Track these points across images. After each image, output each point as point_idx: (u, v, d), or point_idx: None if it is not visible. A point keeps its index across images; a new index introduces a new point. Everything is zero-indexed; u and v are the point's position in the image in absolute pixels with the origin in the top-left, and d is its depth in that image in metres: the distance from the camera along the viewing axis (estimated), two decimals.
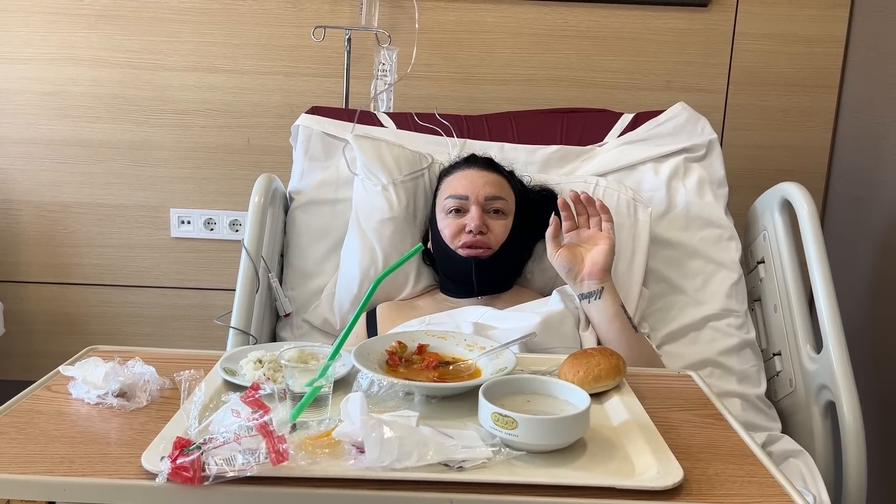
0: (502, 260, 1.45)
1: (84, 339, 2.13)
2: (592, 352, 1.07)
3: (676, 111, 1.78)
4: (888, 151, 1.88)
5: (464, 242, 1.44)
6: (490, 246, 1.44)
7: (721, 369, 1.54)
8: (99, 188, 2.13)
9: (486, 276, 1.45)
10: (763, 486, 0.83)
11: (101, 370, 1.00)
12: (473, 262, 1.43)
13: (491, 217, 1.46)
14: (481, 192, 1.46)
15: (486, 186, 1.47)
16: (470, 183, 1.48)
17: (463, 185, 1.48)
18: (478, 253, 1.43)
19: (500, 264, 1.45)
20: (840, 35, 2.07)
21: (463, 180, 1.49)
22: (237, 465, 0.77)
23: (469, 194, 1.46)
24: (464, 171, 1.52)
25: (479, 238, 1.43)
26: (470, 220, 1.44)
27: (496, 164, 1.55)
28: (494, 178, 1.50)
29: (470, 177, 1.49)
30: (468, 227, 1.43)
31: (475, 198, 1.45)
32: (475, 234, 1.43)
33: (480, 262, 1.43)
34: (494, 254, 1.44)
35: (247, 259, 1.47)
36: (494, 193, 1.47)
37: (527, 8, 2.06)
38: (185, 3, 2.04)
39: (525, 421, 0.84)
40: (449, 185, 1.51)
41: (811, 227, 1.47)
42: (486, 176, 1.49)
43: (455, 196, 1.47)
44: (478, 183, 1.47)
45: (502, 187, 1.50)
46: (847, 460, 1.29)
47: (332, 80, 2.07)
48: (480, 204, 1.45)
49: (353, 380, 1.05)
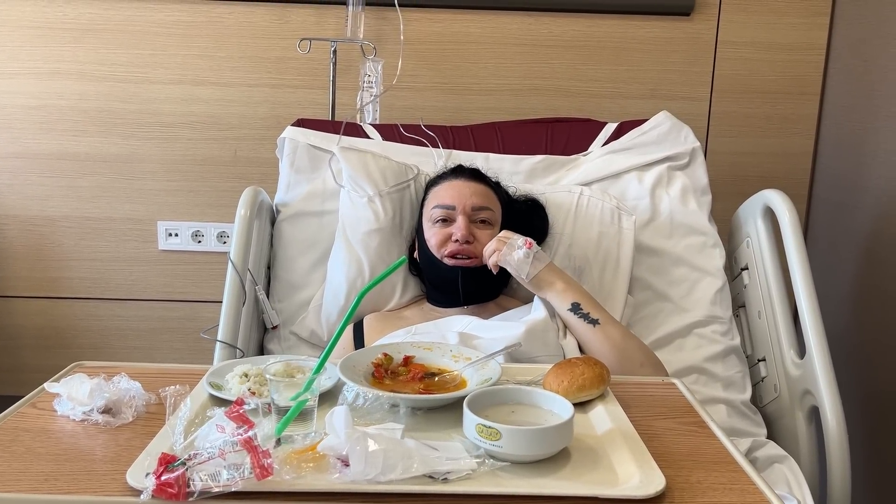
0: (488, 269, 1.46)
1: (72, 353, 2.13)
2: (576, 361, 1.08)
3: (660, 120, 1.80)
4: (870, 157, 1.91)
5: (450, 251, 1.45)
6: (476, 255, 1.45)
7: (707, 376, 1.55)
8: (86, 202, 2.13)
9: (472, 284, 1.45)
10: (744, 493, 0.84)
11: (86, 386, 1.00)
12: (459, 271, 1.44)
13: (477, 227, 1.47)
14: (468, 202, 1.47)
15: (473, 196, 1.48)
16: (457, 193, 1.49)
17: (450, 195, 1.49)
18: (464, 262, 1.44)
19: (485, 273, 1.46)
20: (821, 43, 2.10)
21: (450, 190, 1.50)
22: (222, 481, 0.77)
23: (456, 204, 1.47)
24: (451, 181, 1.53)
25: (466, 247, 1.44)
26: (457, 230, 1.45)
27: (483, 174, 1.56)
28: (481, 188, 1.51)
29: (457, 187, 1.50)
30: (455, 236, 1.44)
31: (462, 207, 1.46)
32: (461, 243, 1.44)
33: (466, 271, 1.44)
34: (480, 263, 1.45)
35: (233, 272, 1.48)
36: (481, 204, 1.48)
37: (511, 18, 2.07)
38: (171, 17, 2.05)
39: (508, 432, 0.85)
40: (436, 194, 1.52)
41: (793, 234, 1.49)
42: (473, 186, 1.50)
43: (442, 206, 1.48)
44: (465, 193, 1.48)
45: (489, 198, 1.51)
46: (831, 464, 1.31)
47: (318, 92, 2.08)
48: (467, 214, 1.46)
49: (339, 393, 1.06)
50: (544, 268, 1.38)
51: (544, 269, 1.38)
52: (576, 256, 1.57)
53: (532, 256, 1.37)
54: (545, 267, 1.38)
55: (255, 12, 2.05)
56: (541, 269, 1.37)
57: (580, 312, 1.35)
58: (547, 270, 1.38)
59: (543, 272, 1.38)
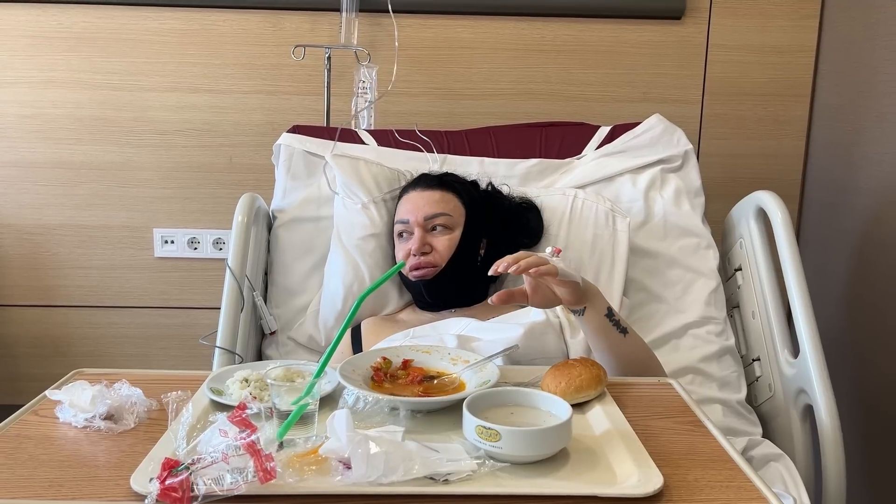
0: (454, 273, 1.47)
1: (69, 362, 2.13)
2: (574, 363, 1.09)
3: (652, 123, 1.82)
4: (861, 158, 1.93)
5: (410, 265, 1.47)
6: (435, 264, 1.46)
7: (702, 376, 1.56)
8: (81, 210, 2.13)
9: (440, 293, 1.48)
10: (741, 491, 0.85)
11: (87, 393, 1.01)
12: (421, 284, 1.46)
13: (433, 235, 1.48)
14: (420, 212, 1.49)
15: (426, 206, 1.49)
16: (412, 206, 1.51)
17: (406, 210, 1.52)
18: (423, 273, 1.46)
19: (452, 278, 1.47)
20: (811, 45, 2.12)
21: (406, 204, 1.53)
22: (226, 485, 0.78)
23: (409, 218, 1.50)
24: (408, 194, 1.55)
25: (422, 259, 1.46)
26: (412, 244, 1.47)
27: (442, 178, 1.55)
28: (436, 194, 1.51)
29: (412, 200, 1.52)
30: (411, 249, 1.46)
31: (415, 220, 1.49)
32: (417, 255, 1.45)
33: (428, 283, 1.46)
34: (443, 270, 1.46)
35: (231, 278, 1.48)
36: (434, 211, 1.49)
37: (504, 23, 2.09)
38: (165, 25, 2.05)
39: (508, 433, 0.86)
40: (398, 210, 1.55)
41: (785, 235, 1.50)
42: (427, 195, 1.51)
43: (400, 221, 1.52)
44: (418, 204, 1.50)
45: (445, 202, 1.51)
46: (826, 462, 1.32)
47: (312, 98, 2.09)
48: (421, 225, 1.48)
49: (339, 396, 1.07)
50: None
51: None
52: (571, 259, 1.58)
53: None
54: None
55: (250, 20, 2.06)
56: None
57: (613, 319, 1.26)
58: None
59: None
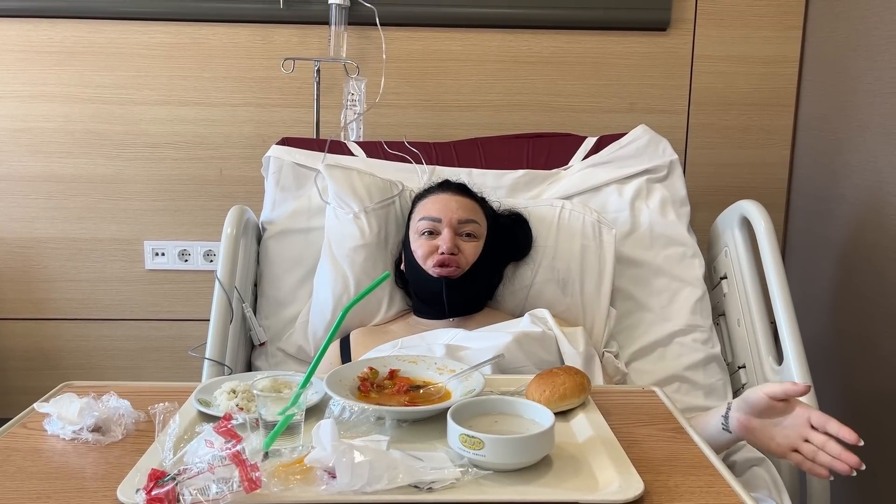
0: (472, 280, 1.49)
1: (60, 374, 2.13)
2: (558, 371, 1.10)
3: (638, 133, 1.84)
4: (844, 167, 1.95)
5: (435, 262, 1.47)
6: (460, 266, 1.48)
7: (688, 384, 1.58)
8: (72, 223, 2.14)
9: (456, 295, 1.48)
10: (720, 496, 0.87)
11: (75, 406, 1.01)
12: (444, 282, 1.46)
13: (462, 239, 1.50)
14: (454, 215, 1.50)
15: (459, 210, 1.51)
16: (443, 206, 1.52)
17: (436, 208, 1.52)
18: (448, 272, 1.47)
19: (469, 284, 1.48)
20: (794, 55, 2.15)
21: (437, 203, 1.53)
22: (211, 495, 0.79)
23: (442, 217, 1.50)
24: (437, 194, 1.56)
25: (451, 258, 1.47)
26: (442, 242, 1.48)
27: (469, 189, 1.59)
28: (467, 202, 1.54)
29: (443, 200, 1.53)
30: (440, 248, 1.47)
31: (447, 220, 1.49)
32: (447, 254, 1.46)
33: (450, 282, 1.47)
34: (464, 274, 1.48)
35: (220, 290, 1.49)
36: (466, 217, 1.51)
37: (492, 35, 2.11)
38: (155, 38, 2.07)
39: (491, 441, 0.87)
40: (423, 207, 1.55)
41: (768, 243, 1.52)
42: (459, 200, 1.53)
43: (428, 218, 1.51)
44: (451, 206, 1.51)
45: (475, 211, 1.54)
46: None
47: (302, 111, 2.11)
48: (453, 226, 1.49)
49: (326, 406, 1.08)
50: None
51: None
52: (559, 269, 1.60)
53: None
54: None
55: (239, 33, 2.07)
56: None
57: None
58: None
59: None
